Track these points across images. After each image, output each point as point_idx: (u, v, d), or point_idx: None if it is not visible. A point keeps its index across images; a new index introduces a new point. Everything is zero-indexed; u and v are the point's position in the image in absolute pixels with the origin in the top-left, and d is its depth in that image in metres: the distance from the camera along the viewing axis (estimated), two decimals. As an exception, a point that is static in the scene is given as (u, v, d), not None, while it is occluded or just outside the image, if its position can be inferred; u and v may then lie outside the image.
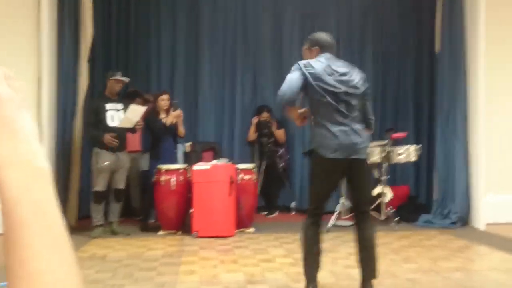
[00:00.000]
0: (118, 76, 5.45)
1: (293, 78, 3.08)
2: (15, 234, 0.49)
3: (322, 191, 3.15)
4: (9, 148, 0.52)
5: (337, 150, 3.04)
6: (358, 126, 3.13)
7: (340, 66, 3.20)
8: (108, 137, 5.23)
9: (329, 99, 3.06)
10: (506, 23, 6.29)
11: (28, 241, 0.49)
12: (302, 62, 3.16)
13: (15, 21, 5.34)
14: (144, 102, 6.24)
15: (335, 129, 3.06)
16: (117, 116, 5.41)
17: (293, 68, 3.17)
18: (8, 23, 5.32)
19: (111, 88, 5.45)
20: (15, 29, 5.34)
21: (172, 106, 5.81)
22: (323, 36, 3.36)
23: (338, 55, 7.57)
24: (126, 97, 6.03)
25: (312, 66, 3.11)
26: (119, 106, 5.49)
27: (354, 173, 3.14)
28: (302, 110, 3.22)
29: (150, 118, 5.95)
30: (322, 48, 3.28)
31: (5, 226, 0.50)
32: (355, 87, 3.16)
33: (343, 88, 3.10)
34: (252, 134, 6.99)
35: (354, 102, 3.15)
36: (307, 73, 3.07)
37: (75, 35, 5.77)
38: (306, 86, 3.09)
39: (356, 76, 3.20)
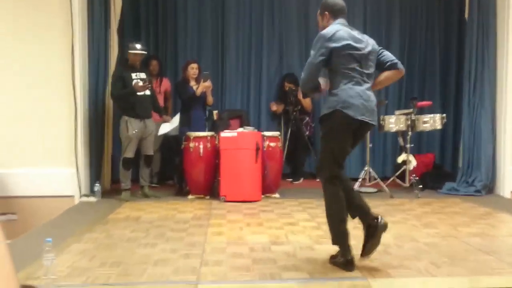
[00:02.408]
0: (135, 50, 5.61)
1: (310, 66, 3.08)
2: None
3: (344, 154, 3.16)
4: None
5: (364, 113, 3.07)
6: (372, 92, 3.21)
7: (356, 33, 3.18)
8: (137, 84, 5.43)
9: (353, 64, 3.09)
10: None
11: None
12: (324, 35, 3.10)
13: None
14: (159, 63, 6.62)
15: (361, 92, 3.09)
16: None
17: (315, 41, 3.12)
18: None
19: (132, 60, 5.63)
20: (47, 4, 5.53)
21: (202, 76, 5.96)
22: (334, 1, 3.27)
23: (365, 25, 7.58)
24: (146, 66, 6.20)
25: (335, 37, 3.07)
26: (143, 75, 5.67)
27: (359, 136, 3.20)
28: (323, 83, 3.18)
29: (180, 86, 6.13)
30: (333, 12, 3.23)
31: None
32: (373, 53, 3.19)
33: (364, 55, 3.12)
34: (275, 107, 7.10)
35: (373, 68, 3.21)
36: (332, 46, 3.05)
37: (105, 7, 5.93)
38: (330, 56, 3.07)
39: (370, 43, 3.20)
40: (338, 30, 3.12)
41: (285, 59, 7.44)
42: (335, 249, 3.20)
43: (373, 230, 3.04)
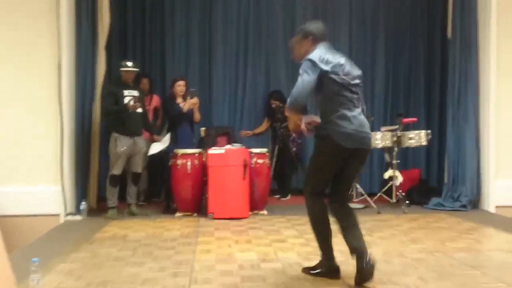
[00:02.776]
0: (127, 68, 5.63)
1: (305, 83, 3.03)
2: None
3: (330, 176, 3.20)
4: None
5: (354, 139, 3.08)
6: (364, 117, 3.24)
7: (340, 57, 3.18)
8: (130, 103, 5.43)
9: (344, 90, 3.09)
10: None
11: None
12: (315, 58, 3.08)
13: (35, 11, 5.50)
14: (150, 81, 6.65)
15: (353, 118, 3.09)
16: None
17: (306, 66, 3.06)
18: (29, 13, 5.49)
19: (124, 77, 5.65)
20: (35, 18, 5.51)
21: (189, 93, 5.98)
22: (316, 25, 3.30)
23: (351, 42, 7.71)
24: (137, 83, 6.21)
25: (325, 60, 3.07)
26: (135, 92, 5.68)
27: (353, 161, 3.17)
28: (308, 120, 3.15)
29: (167, 103, 6.14)
30: (316, 37, 3.23)
31: None
32: (359, 77, 3.22)
33: (352, 80, 3.14)
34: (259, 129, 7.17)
35: (360, 92, 3.23)
36: (325, 69, 3.04)
37: (93, 23, 5.92)
38: (321, 82, 3.06)
39: (355, 68, 3.22)
40: (326, 53, 3.13)
41: (272, 76, 7.50)
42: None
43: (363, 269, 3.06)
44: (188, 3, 7.33)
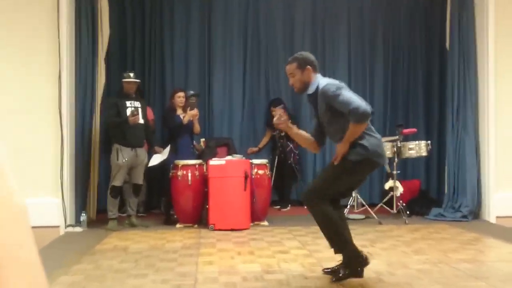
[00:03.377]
0: (129, 79, 5.65)
1: (351, 94, 3.23)
2: None
3: (345, 188, 3.46)
4: None
5: (385, 158, 3.45)
6: None
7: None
8: (131, 117, 5.43)
9: None
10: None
11: (4, 284, 0.45)
12: (333, 82, 3.31)
13: (35, 22, 5.51)
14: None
15: (380, 139, 3.36)
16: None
17: (334, 87, 3.25)
18: (28, 25, 5.50)
19: (126, 88, 5.66)
20: (35, 30, 5.52)
21: (189, 103, 5.98)
22: (311, 55, 3.50)
23: (349, 53, 7.76)
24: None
25: (342, 86, 3.30)
26: (137, 103, 5.68)
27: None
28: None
29: (167, 115, 6.14)
30: (314, 66, 3.42)
31: None
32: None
33: None
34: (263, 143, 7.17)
35: None
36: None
37: (92, 35, 5.95)
38: None
39: None
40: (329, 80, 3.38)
41: (271, 85, 7.51)
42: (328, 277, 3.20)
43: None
44: (187, 15, 7.36)
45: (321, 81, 3.34)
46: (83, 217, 5.51)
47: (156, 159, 5.93)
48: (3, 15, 5.47)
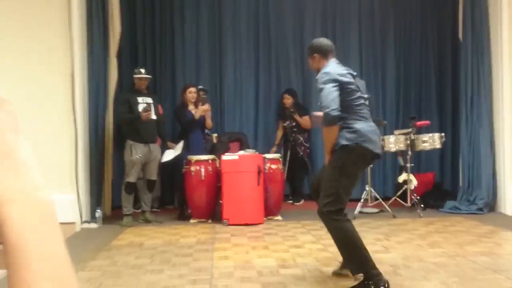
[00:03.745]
0: (140, 74, 5.67)
1: (331, 92, 3.05)
2: (18, 276, 0.44)
3: (353, 185, 3.22)
4: (9, 181, 0.46)
5: (379, 147, 3.23)
6: None
7: (351, 71, 3.32)
8: (143, 113, 5.44)
9: (361, 100, 3.22)
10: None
11: (32, 284, 0.44)
12: (329, 71, 3.15)
13: (47, 22, 5.55)
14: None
15: (374, 127, 3.24)
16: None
17: (324, 79, 3.11)
18: (41, 23, 5.53)
19: (138, 84, 5.68)
20: (47, 28, 5.55)
21: (200, 98, 5.99)
22: (322, 41, 3.41)
23: (361, 46, 7.71)
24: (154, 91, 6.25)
25: (340, 73, 3.16)
26: (149, 99, 5.70)
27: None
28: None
29: (179, 111, 6.15)
30: (323, 53, 3.33)
31: (7, 267, 0.45)
32: (366, 90, 3.42)
33: (363, 91, 3.31)
34: (279, 138, 7.14)
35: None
36: (341, 80, 3.12)
37: (104, 32, 5.97)
38: (341, 93, 3.10)
39: (361, 81, 3.41)
40: (337, 67, 3.24)
41: (283, 80, 7.49)
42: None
43: None
44: (198, 11, 7.36)
45: (325, 69, 3.22)
46: (98, 213, 5.55)
47: (169, 155, 5.95)
48: (16, 14, 5.51)
